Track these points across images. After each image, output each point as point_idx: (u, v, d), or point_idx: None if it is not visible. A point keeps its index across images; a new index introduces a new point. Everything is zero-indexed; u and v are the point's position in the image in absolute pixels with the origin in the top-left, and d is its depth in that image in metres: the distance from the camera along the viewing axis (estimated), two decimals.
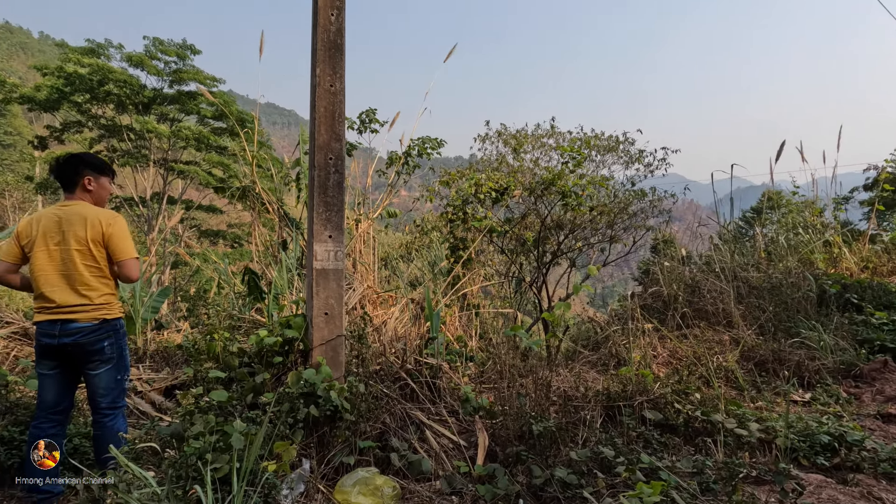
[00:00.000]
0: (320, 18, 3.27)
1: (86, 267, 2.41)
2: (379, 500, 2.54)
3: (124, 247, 2.49)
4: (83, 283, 2.39)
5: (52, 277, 2.38)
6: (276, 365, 3.12)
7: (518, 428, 2.99)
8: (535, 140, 9.00)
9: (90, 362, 2.42)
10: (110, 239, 2.46)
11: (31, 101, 17.50)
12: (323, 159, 3.21)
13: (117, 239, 2.47)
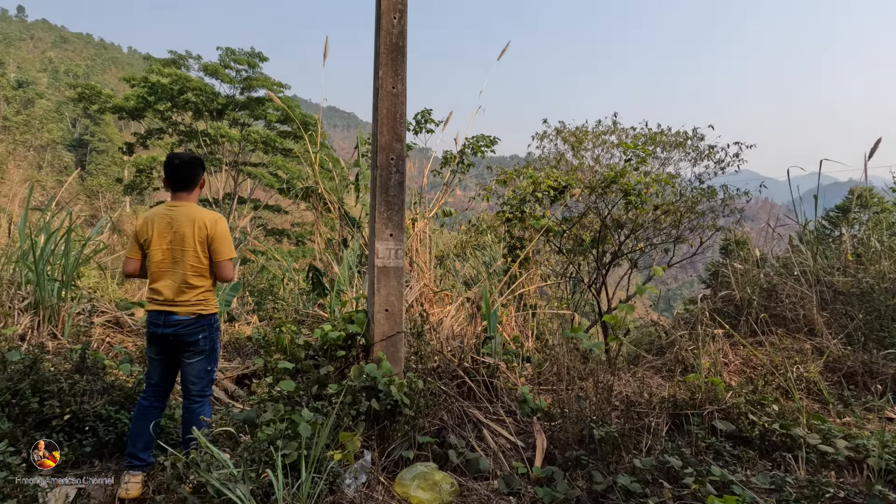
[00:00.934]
0: (383, 22, 3.35)
1: (190, 266, 2.61)
2: (437, 496, 2.57)
3: (224, 248, 2.67)
4: (186, 280, 2.60)
5: (162, 273, 2.60)
6: (339, 358, 3.24)
7: (578, 432, 2.93)
8: (596, 137, 8.74)
9: (186, 351, 2.64)
10: (213, 240, 2.65)
11: (121, 110, 19.21)
12: (385, 160, 3.29)
13: (219, 241, 2.66)
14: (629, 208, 6.82)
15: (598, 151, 8.68)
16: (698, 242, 7.38)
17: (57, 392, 2.78)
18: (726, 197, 6.95)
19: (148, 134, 21.09)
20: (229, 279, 2.70)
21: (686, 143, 7.90)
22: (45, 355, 3.09)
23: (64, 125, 49.86)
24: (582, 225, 7.49)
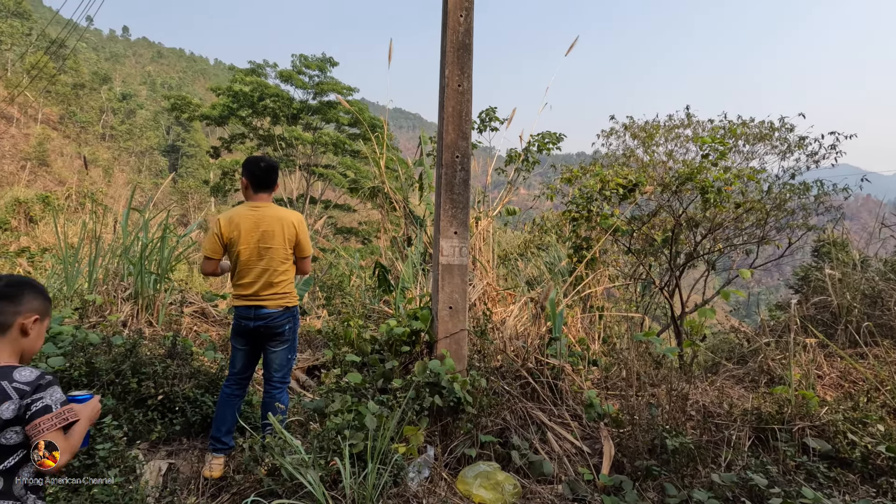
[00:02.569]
0: (450, 20, 3.37)
1: (278, 261, 2.78)
2: (499, 496, 2.55)
3: (308, 246, 2.90)
4: (273, 275, 2.77)
5: (250, 270, 2.76)
6: (404, 354, 3.30)
7: (649, 441, 2.78)
8: (669, 131, 8.28)
9: (272, 341, 2.81)
10: (299, 238, 2.85)
11: (208, 117, 20.82)
12: (450, 158, 3.31)
13: (303, 238, 2.88)
14: (707, 206, 6.39)
15: (670, 146, 8.21)
16: (786, 243, 6.78)
17: (152, 374, 3.05)
18: (821, 193, 6.32)
19: (231, 139, 22.71)
20: (307, 272, 2.88)
21: (772, 134, 7.28)
22: (143, 341, 3.41)
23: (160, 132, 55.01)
24: (653, 224, 7.13)
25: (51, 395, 1.34)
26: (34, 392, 1.32)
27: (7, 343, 1.39)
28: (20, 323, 1.40)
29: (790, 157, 6.97)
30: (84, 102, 46.89)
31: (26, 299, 1.42)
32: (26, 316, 1.41)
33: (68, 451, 1.33)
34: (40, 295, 1.46)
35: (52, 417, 1.31)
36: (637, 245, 7.28)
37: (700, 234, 6.92)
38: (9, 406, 1.29)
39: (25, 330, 1.41)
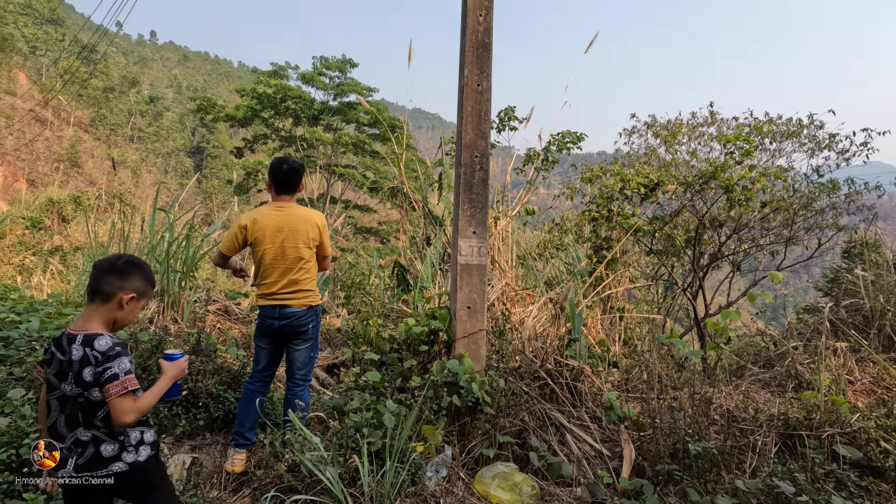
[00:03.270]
0: (469, 20, 3.36)
1: (302, 260, 2.82)
2: (517, 497, 2.53)
3: (329, 245, 2.95)
4: (297, 275, 2.81)
5: (274, 269, 2.80)
6: (422, 353, 3.31)
7: (671, 445, 2.73)
8: (692, 130, 8.12)
9: (296, 340, 2.85)
10: (322, 238, 2.90)
11: (233, 118, 21.23)
12: (469, 157, 3.30)
13: (326, 238, 2.93)
14: (731, 206, 6.25)
15: (694, 145, 8.05)
16: (815, 244, 6.57)
17: None
18: (852, 192, 6.11)
19: (254, 140, 23.12)
20: (328, 270, 2.90)
21: (801, 132, 7.07)
22: (168, 337, 3.50)
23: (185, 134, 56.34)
24: (675, 224, 7.00)
25: (118, 364, 1.56)
26: (105, 361, 1.55)
27: (104, 311, 1.62)
28: (120, 297, 1.62)
29: (819, 155, 6.77)
30: (114, 105, 48.32)
31: (132, 278, 1.65)
32: (127, 292, 1.63)
33: (134, 412, 1.56)
34: (145, 278, 1.68)
35: (117, 385, 1.54)
36: (659, 245, 7.16)
37: (724, 234, 6.76)
38: (89, 371, 1.55)
39: (122, 304, 1.63)
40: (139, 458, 1.64)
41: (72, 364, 1.55)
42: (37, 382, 2.75)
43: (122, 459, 1.61)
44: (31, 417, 2.31)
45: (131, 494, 1.68)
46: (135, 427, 1.65)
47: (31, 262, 9.82)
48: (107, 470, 1.58)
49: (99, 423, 1.59)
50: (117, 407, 1.54)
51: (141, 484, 1.66)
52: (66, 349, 1.56)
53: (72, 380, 1.55)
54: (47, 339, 3.19)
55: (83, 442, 1.58)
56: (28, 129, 37.52)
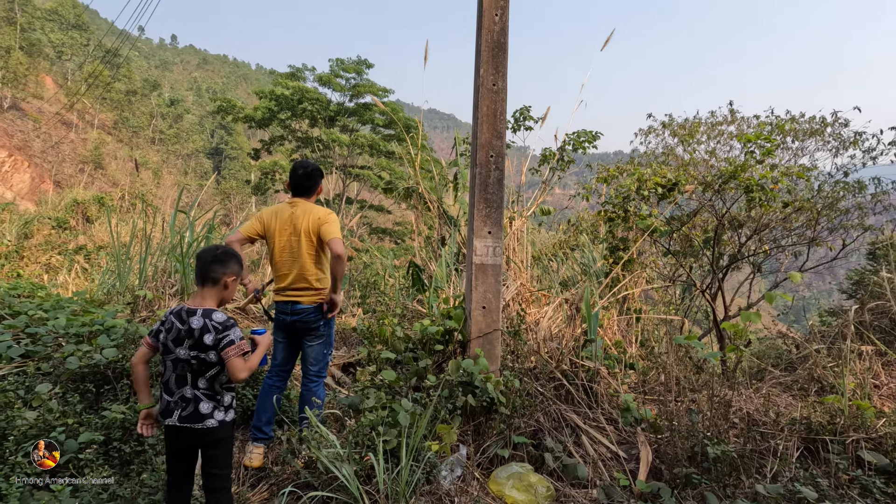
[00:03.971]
0: (485, 20, 3.36)
1: (308, 255, 2.85)
2: (532, 498, 2.52)
3: (332, 229, 2.83)
4: (306, 271, 2.85)
5: (285, 265, 2.86)
6: (437, 352, 3.31)
7: (689, 448, 2.69)
8: (711, 128, 8.00)
9: (308, 336, 2.89)
10: (322, 226, 2.82)
11: (251, 120, 21.53)
12: (484, 157, 3.30)
13: (328, 225, 2.83)
14: (752, 206, 6.13)
15: (712, 144, 7.93)
16: (839, 245, 6.41)
17: None
18: (879, 192, 5.96)
19: (271, 141, 23.42)
20: (341, 253, 2.73)
21: (824, 130, 6.92)
22: None
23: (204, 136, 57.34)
24: (693, 224, 6.89)
25: (234, 332, 1.94)
26: (224, 330, 1.93)
27: (214, 292, 2.02)
28: (224, 280, 2.01)
29: (844, 154, 6.61)
30: (136, 108, 49.42)
31: (231, 264, 2.04)
32: (229, 276, 2.03)
33: (246, 370, 1.93)
34: (237, 263, 2.07)
35: (235, 348, 1.92)
36: (676, 246, 7.06)
37: (744, 234, 6.65)
38: (210, 337, 1.92)
39: (227, 285, 2.03)
40: (226, 419, 1.98)
41: (191, 332, 1.92)
42: (63, 377, 2.83)
43: (213, 417, 1.94)
44: (57, 411, 2.38)
45: (207, 446, 1.98)
46: (228, 392, 2.00)
47: (56, 260, 10.10)
48: (202, 424, 1.92)
49: (202, 385, 1.94)
50: (236, 365, 1.91)
51: (219, 439, 1.97)
52: (186, 320, 1.93)
53: (188, 345, 1.92)
54: (73, 336, 3.27)
55: (187, 398, 1.93)
56: (54, 132, 38.59)
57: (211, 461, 1.98)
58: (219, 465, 1.98)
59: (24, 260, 9.97)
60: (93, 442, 2.31)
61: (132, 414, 2.54)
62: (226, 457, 2.01)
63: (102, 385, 2.89)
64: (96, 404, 2.77)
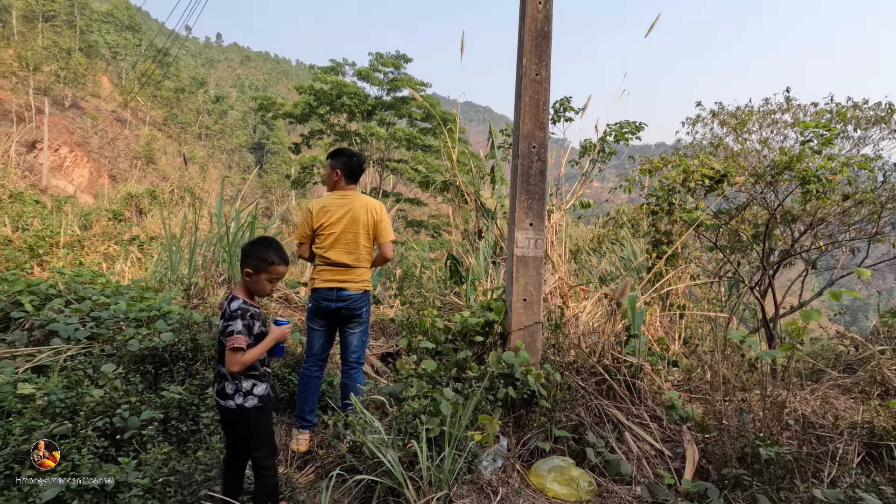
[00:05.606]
0: (528, 9, 3.31)
1: (362, 246, 2.95)
2: (574, 492, 2.50)
3: (388, 231, 3.01)
4: (357, 259, 2.93)
5: (338, 253, 2.93)
6: (477, 344, 3.32)
7: (739, 448, 2.60)
8: (764, 117, 7.61)
9: (350, 323, 2.96)
10: (378, 224, 2.98)
11: (291, 115, 22.05)
12: (526, 148, 3.27)
13: (384, 224, 3.00)
14: (807, 199, 5.81)
15: (765, 133, 7.56)
16: None
17: None
18: None
19: (310, 135, 23.92)
20: (390, 257, 2.99)
21: (890, 117, 6.48)
22: None
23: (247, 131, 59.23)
24: (742, 218, 6.60)
25: (235, 325, 1.98)
26: (229, 318, 2.00)
27: (243, 282, 2.10)
28: (244, 272, 2.09)
29: None
30: (184, 105, 51.54)
31: (249, 258, 2.09)
32: (246, 269, 2.09)
33: (237, 364, 1.96)
34: (255, 257, 2.08)
35: (231, 339, 1.96)
36: (723, 241, 6.78)
37: (798, 229, 6.32)
38: (222, 322, 2.03)
39: (247, 276, 2.08)
40: (245, 404, 2.01)
41: (223, 314, 2.04)
42: (125, 359, 3.01)
43: (233, 399, 2.01)
44: (121, 390, 2.54)
45: (230, 425, 2.06)
46: (248, 378, 2.03)
47: (114, 250, 10.68)
48: (225, 402, 2.01)
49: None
50: (228, 357, 1.96)
51: (242, 424, 2.04)
52: (225, 302, 2.08)
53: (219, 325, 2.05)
54: (133, 320, 3.47)
55: (220, 375, 2.04)
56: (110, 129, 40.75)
57: (243, 441, 2.06)
58: (251, 446, 2.05)
59: (84, 249, 10.61)
60: (153, 419, 2.45)
61: (188, 395, 2.68)
62: (255, 440, 2.05)
63: (160, 367, 3.06)
64: (155, 385, 2.93)
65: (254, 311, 2.06)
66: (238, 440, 2.07)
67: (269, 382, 2.12)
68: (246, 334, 1.98)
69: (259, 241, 2.14)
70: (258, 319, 2.08)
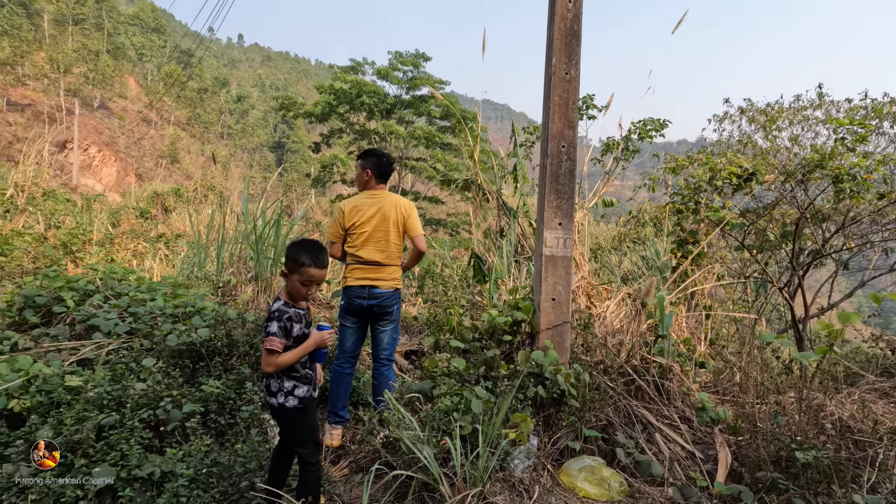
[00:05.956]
0: (558, 7, 3.30)
1: (393, 244, 3.01)
2: (605, 492, 2.50)
3: (417, 225, 3.10)
4: (388, 257, 2.98)
5: (368, 251, 2.99)
6: (505, 343, 3.33)
7: (774, 452, 2.57)
8: (795, 113, 7.44)
9: (382, 321, 3.02)
10: (408, 220, 3.06)
11: (311, 115, 22.30)
12: (556, 147, 3.27)
13: (413, 220, 3.09)
14: (840, 198, 5.66)
15: (796, 130, 7.39)
16: None
17: None
18: None
19: (330, 134, 24.16)
20: (423, 250, 3.05)
21: None
22: None
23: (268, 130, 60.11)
24: (771, 217, 6.47)
25: (270, 326, 2.00)
26: (267, 319, 2.03)
27: (285, 283, 2.11)
28: (281, 271, 2.12)
29: None
30: (207, 105, 52.55)
31: (287, 259, 2.08)
32: (282, 270, 2.12)
33: (270, 366, 1.99)
34: (289, 258, 2.07)
35: (265, 341, 1.99)
36: (749, 240, 6.66)
37: (829, 229, 6.16)
38: (264, 320, 2.06)
39: (283, 276, 2.11)
40: (285, 404, 2.05)
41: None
42: (164, 353, 3.10)
43: (276, 397, 2.05)
44: (163, 383, 2.62)
45: (279, 424, 2.14)
46: (289, 379, 2.06)
47: (143, 247, 10.97)
48: (269, 399, 2.07)
49: None
50: (263, 358, 2.00)
51: (283, 422, 2.10)
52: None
53: None
54: (169, 316, 3.58)
55: (267, 373, 2.06)
56: (136, 129, 41.77)
57: (285, 437, 2.12)
58: (293, 442, 2.09)
59: (115, 246, 10.92)
60: (194, 412, 2.53)
61: (225, 389, 2.76)
62: (297, 437, 2.08)
63: (197, 361, 3.15)
64: (192, 379, 3.02)
65: (293, 312, 2.04)
66: (283, 434, 2.14)
67: (313, 384, 2.13)
68: (282, 336, 1.98)
69: (297, 242, 2.12)
70: (299, 321, 2.06)
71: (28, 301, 3.73)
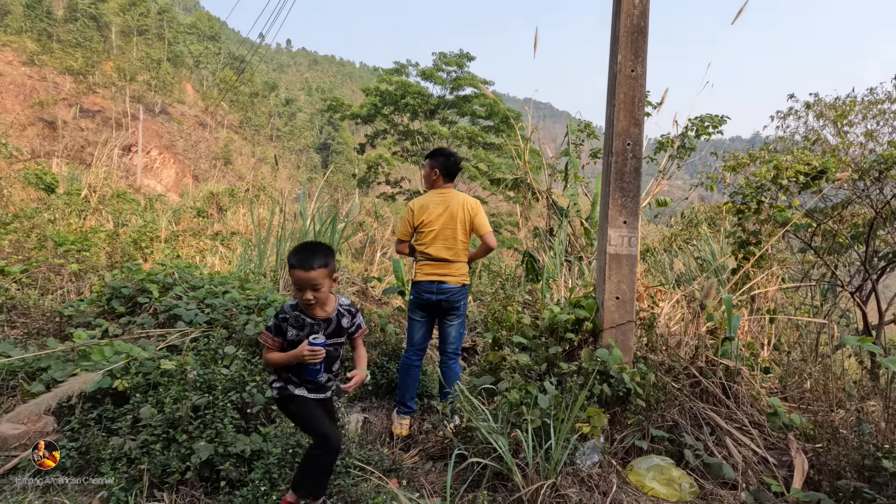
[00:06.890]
0: (624, 3, 3.28)
1: (460, 241, 3.11)
2: (675, 492, 2.48)
3: (485, 223, 3.20)
4: (456, 254, 3.08)
5: (436, 248, 3.11)
6: (567, 340, 3.34)
7: (857, 460, 2.46)
8: (869, 107, 7.02)
9: (449, 315, 3.11)
10: (475, 218, 3.15)
11: (357, 116, 22.82)
12: (621, 145, 3.24)
13: (480, 218, 3.18)
14: None
15: (870, 125, 6.97)
16: None
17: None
18: None
19: (375, 135, 24.65)
20: (493, 246, 3.12)
21: None
22: None
23: (314, 132, 61.95)
24: (841, 218, 6.13)
25: (269, 321, 2.08)
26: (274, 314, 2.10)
27: None
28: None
29: None
30: (257, 109, 54.74)
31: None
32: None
33: (264, 360, 2.13)
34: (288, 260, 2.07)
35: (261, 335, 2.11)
36: (815, 242, 6.33)
37: None
38: None
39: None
40: (274, 395, 2.16)
41: None
42: (244, 342, 3.31)
43: (272, 387, 2.16)
44: (246, 369, 2.80)
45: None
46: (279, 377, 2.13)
47: (205, 244, 11.58)
48: None
49: None
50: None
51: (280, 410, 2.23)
52: None
53: None
54: (244, 308, 3.80)
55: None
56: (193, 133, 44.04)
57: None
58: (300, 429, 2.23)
59: (179, 243, 11.59)
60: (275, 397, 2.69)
61: None
62: (297, 425, 2.21)
63: None
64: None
65: (293, 316, 1.99)
66: None
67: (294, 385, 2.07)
68: (274, 333, 2.03)
69: (298, 245, 2.02)
70: (295, 326, 1.99)
71: (115, 292, 4.06)
